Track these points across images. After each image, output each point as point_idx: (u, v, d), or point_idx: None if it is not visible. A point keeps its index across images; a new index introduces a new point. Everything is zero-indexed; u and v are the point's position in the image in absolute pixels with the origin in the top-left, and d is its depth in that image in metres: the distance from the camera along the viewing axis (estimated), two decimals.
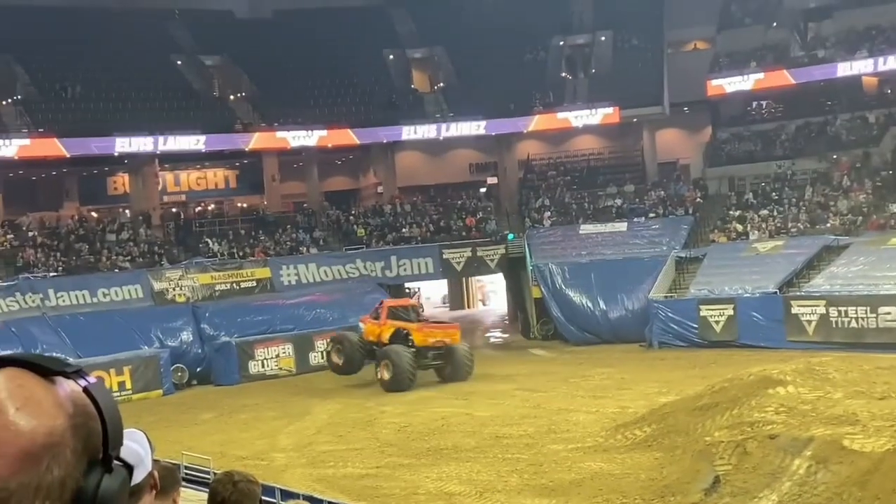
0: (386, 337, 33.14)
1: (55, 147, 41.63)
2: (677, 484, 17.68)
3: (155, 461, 3.23)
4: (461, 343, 33.80)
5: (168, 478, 3.36)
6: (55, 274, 39.10)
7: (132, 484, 3.13)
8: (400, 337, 32.99)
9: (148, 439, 3.14)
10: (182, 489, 3.37)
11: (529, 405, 27.48)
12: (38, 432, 1.21)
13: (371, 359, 33.27)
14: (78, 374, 1.30)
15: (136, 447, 3.04)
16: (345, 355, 33.43)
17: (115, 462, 1.30)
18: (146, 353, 35.37)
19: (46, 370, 1.28)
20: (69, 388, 1.28)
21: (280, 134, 45.93)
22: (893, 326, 31.65)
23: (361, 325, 34.28)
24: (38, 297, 36.73)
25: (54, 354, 32.04)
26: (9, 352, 1.64)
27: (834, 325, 33.07)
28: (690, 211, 43.82)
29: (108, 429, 1.29)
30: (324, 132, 46.21)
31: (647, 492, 17.80)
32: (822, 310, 33.48)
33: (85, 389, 1.29)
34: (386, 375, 31.99)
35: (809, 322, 33.74)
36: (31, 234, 42.51)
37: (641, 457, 20.06)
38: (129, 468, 1.33)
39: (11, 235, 42.13)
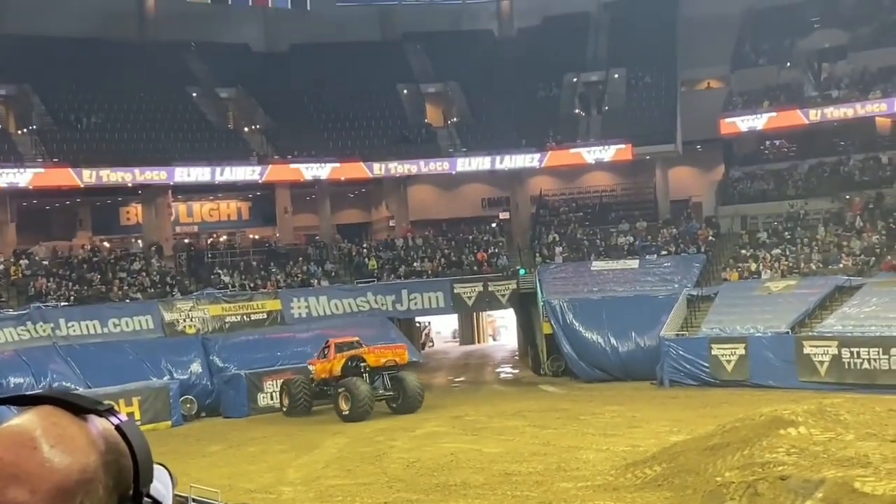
0: (338, 369, 33.97)
1: (69, 177, 41.92)
2: None
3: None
4: (410, 373, 34.75)
5: None
6: (66, 303, 39.23)
7: None
8: (351, 367, 33.84)
9: (170, 473, 3.16)
10: None
11: (539, 442, 27.35)
12: (72, 469, 1.26)
13: (319, 398, 34.55)
14: (110, 412, 1.35)
15: (157, 485, 3.07)
16: (290, 396, 34.81)
17: (145, 499, 1.34)
18: (156, 384, 35.40)
19: (79, 408, 1.33)
20: (101, 425, 1.33)
21: (293, 166, 46.19)
22: None
23: (311, 367, 35.17)
24: (48, 327, 36.86)
25: (64, 384, 32.14)
26: (38, 390, 1.69)
27: (846, 366, 32.91)
28: (702, 249, 43.80)
29: (138, 466, 1.34)
30: (337, 164, 46.49)
31: None
32: (834, 350, 33.34)
33: (117, 427, 1.34)
34: (344, 406, 32.83)
35: (822, 363, 33.59)
36: (43, 262, 42.71)
37: (651, 496, 19.91)
38: None
39: (24, 264, 42.34)
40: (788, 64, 48.97)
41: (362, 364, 33.68)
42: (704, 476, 19.38)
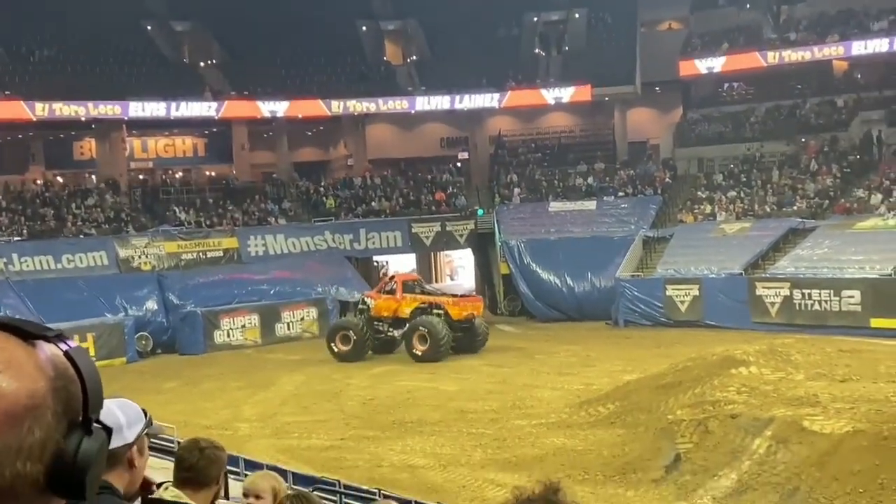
0: (407, 311, 32.71)
1: (21, 110, 41.18)
2: (639, 461, 17.87)
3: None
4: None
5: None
6: (19, 238, 38.75)
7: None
8: (425, 312, 32.53)
9: (145, 413, 3.13)
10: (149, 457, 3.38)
11: (495, 381, 27.60)
12: (20, 394, 1.24)
13: (381, 338, 32.98)
14: (58, 338, 1.33)
15: (117, 413, 3.05)
16: (354, 341, 32.51)
17: (95, 425, 1.33)
18: (110, 321, 35.19)
19: (27, 333, 1.31)
20: (50, 351, 1.31)
21: (250, 102, 45.69)
22: (856, 309, 32.00)
23: (369, 300, 33.47)
24: (1, 262, 36.43)
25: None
26: None
27: (797, 308, 33.39)
28: (659, 191, 44.00)
29: (88, 392, 1.32)
30: (294, 101, 46.03)
31: (608, 468, 17.97)
32: (786, 292, 33.79)
33: (66, 353, 1.32)
34: (420, 347, 31.64)
35: (773, 304, 34.04)
36: None
37: (604, 433, 20.21)
38: (109, 431, 1.36)
39: None
40: (748, 6, 48.95)
41: (441, 312, 32.25)
42: (656, 414, 19.69)
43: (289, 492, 4.58)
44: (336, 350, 32.61)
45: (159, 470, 4.22)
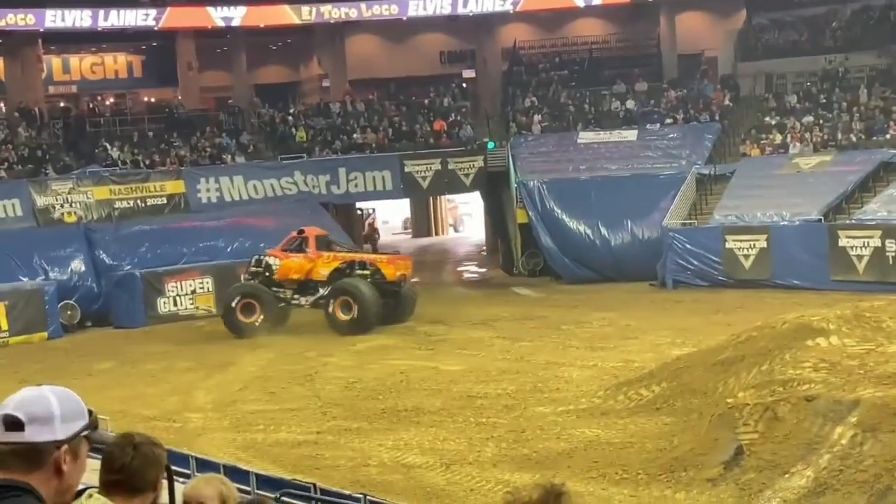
0: (325, 273, 33.33)
1: None
2: (691, 455, 17.91)
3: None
4: None
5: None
6: None
7: (29, 440, 3.15)
8: (343, 274, 33.19)
9: (90, 412, 3.16)
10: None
11: (510, 358, 27.67)
12: None
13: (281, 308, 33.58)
14: None
15: (51, 401, 3.10)
16: (264, 305, 33.22)
17: None
18: (26, 287, 35.26)
19: None
20: None
21: (199, 9, 45.47)
22: None
23: (273, 259, 33.85)
24: None
25: None
26: None
27: (891, 262, 33.39)
28: (717, 117, 43.86)
29: None
30: (254, 7, 45.82)
31: (653, 465, 18.02)
32: (876, 242, 33.76)
33: None
34: (344, 317, 32.28)
35: (860, 257, 34.04)
36: None
37: (648, 422, 20.25)
38: None
39: None
40: None
41: (363, 273, 33.11)
42: (713, 397, 19.71)
43: (240, 499, 4.59)
44: (239, 323, 32.99)
45: (90, 472, 4.23)
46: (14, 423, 3.06)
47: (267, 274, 33.49)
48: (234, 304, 33.18)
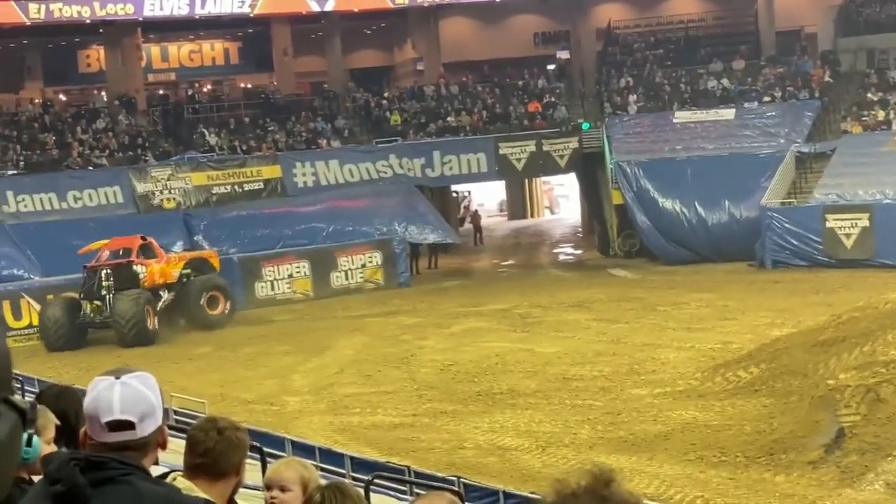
0: (175, 274, 34.10)
1: (12, 12, 41.77)
2: (791, 438, 17.70)
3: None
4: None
5: None
6: (14, 172, 39.51)
7: (141, 436, 3.22)
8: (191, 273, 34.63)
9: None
10: (171, 438, 3.50)
11: (606, 340, 27.56)
12: None
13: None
14: None
15: (149, 395, 3.13)
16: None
17: (2, 405, 1.28)
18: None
19: None
20: None
21: None
22: None
23: (140, 268, 33.15)
24: None
25: (15, 272, 32.63)
26: None
27: None
28: (817, 94, 43.25)
29: None
30: None
31: (751, 447, 17.84)
32: None
33: None
34: (214, 310, 33.91)
35: None
36: None
37: (746, 404, 20.06)
38: (21, 412, 1.31)
39: None
40: None
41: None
42: (813, 379, 19.46)
43: (321, 482, 4.58)
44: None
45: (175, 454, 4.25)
46: (125, 424, 3.14)
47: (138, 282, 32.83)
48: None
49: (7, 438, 1.27)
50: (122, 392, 3.15)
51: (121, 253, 33.31)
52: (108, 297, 31.97)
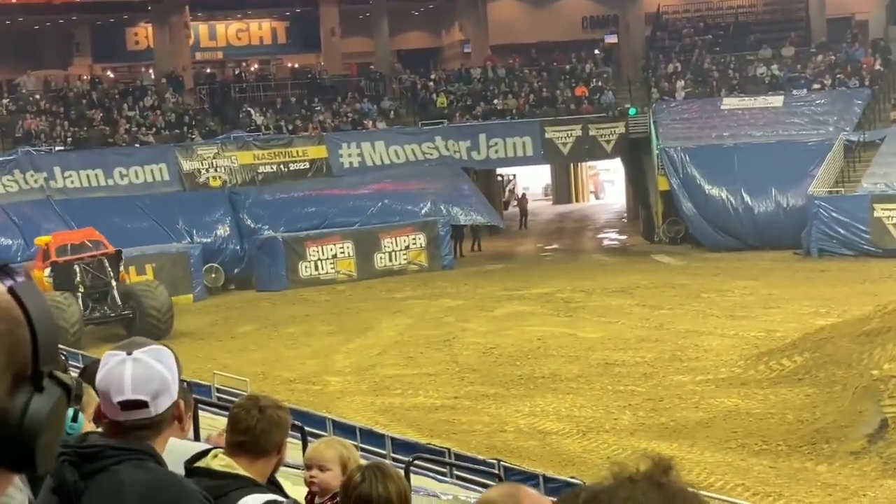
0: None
1: None
2: (834, 427, 17.65)
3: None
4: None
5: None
6: (62, 148, 39.81)
7: (156, 414, 3.18)
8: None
9: (176, 360, 3.18)
10: (212, 417, 3.47)
11: (649, 326, 27.52)
12: None
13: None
14: (2, 270, 1.29)
15: (162, 370, 3.09)
16: None
17: (48, 380, 1.28)
18: (173, 249, 36.01)
19: None
20: None
21: None
22: None
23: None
24: (40, 177, 37.54)
25: None
26: None
27: None
28: (867, 82, 42.87)
29: (38, 338, 1.27)
30: None
31: (794, 436, 17.80)
32: None
33: (10, 289, 1.27)
34: None
35: None
36: (33, 97, 43.20)
37: (789, 393, 20.02)
38: (66, 388, 1.31)
39: (8, 99, 42.84)
40: None
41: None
42: (858, 369, 19.39)
43: (361, 461, 4.59)
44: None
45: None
46: (138, 404, 3.07)
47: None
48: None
49: (51, 413, 1.27)
50: (135, 369, 3.06)
51: (89, 245, 30.96)
52: (110, 291, 29.95)
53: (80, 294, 29.45)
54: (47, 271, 29.95)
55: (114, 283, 30.04)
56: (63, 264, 29.95)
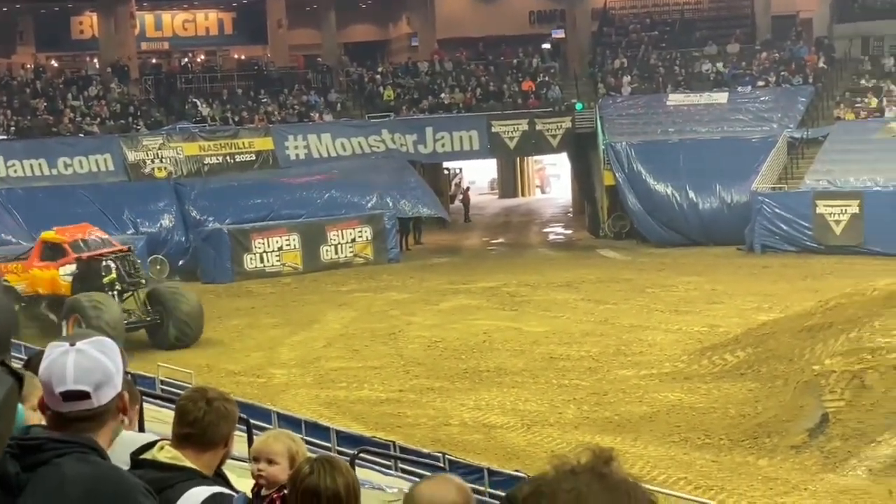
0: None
1: None
2: (775, 422, 17.77)
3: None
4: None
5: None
6: (4, 137, 39.43)
7: (98, 405, 3.15)
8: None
9: (122, 352, 3.14)
10: (156, 409, 3.43)
11: (594, 320, 27.61)
12: None
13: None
14: None
15: (105, 362, 3.06)
16: None
17: (1, 368, 1.29)
18: (116, 240, 35.67)
19: None
20: None
21: None
22: None
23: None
24: None
25: (3, 237, 32.21)
26: None
27: None
28: (811, 79, 43.21)
29: None
30: None
31: (736, 430, 17.91)
32: None
33: None
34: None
35: None
36: None
37: (732, 387, 20.14)
38: (18, 377, 1.32)
39: None
40: None
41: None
42: (799, 364, 19.53)
43: (309, 455, 4.59)
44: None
45: (171, 425, 4.25)
46: (79, 394, 3.03)
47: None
48: None
49: (3, 402, 1.28)
50: (77, 360, 2.98)
51: (101, 241, 28.84)
52: (136, 292, 27.46)
53: (113, 294, 26.51)
54: (67, 269, 27.55)
55: (143, 283, 27.45)
56: (88, 261, 27.31)
